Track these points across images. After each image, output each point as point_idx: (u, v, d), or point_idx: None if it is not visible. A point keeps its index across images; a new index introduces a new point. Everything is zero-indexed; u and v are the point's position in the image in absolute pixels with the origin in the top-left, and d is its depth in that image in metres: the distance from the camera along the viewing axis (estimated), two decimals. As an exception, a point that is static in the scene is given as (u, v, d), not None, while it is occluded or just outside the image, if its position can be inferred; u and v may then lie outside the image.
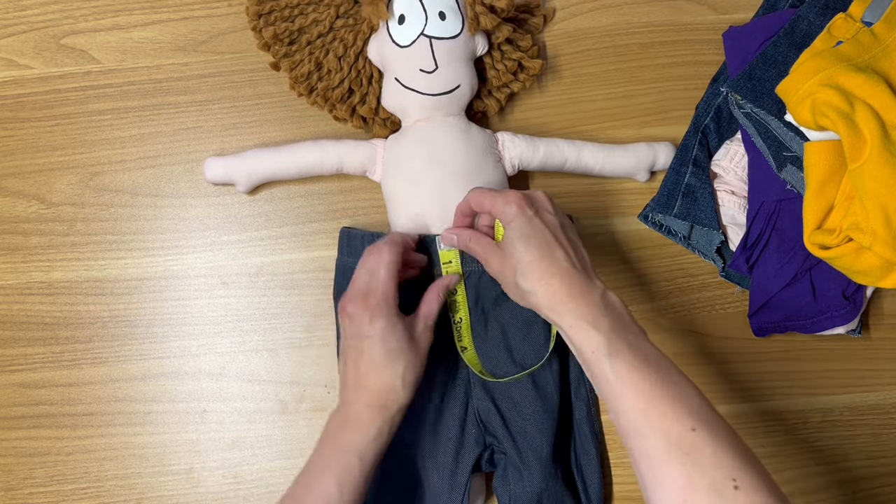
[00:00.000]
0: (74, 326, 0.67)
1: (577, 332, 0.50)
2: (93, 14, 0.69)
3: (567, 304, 0.50)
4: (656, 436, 0.45)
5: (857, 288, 0.65)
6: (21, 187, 0.68)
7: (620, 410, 0.47)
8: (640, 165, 0.67)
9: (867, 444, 0.68)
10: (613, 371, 0.48)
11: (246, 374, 0.67)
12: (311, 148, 0.65)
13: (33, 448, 0.66)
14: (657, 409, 0.46)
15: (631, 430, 0.46)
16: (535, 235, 0.52)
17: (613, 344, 0.48)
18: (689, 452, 0.44)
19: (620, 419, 0.47)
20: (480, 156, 0.63)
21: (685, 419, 0.45)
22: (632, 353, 0.48)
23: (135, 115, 0.69)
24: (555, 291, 0.51)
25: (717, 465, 0.43)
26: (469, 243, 0.57)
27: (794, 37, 0.63)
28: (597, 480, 0.64)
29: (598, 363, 0.48)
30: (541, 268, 0.52)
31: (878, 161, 0.56)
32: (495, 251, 0.55)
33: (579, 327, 0.50)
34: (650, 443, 0.45)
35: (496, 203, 0.54)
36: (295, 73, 0.64)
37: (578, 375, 0.65)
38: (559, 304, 0.51)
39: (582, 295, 0.51)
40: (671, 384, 0.47)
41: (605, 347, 0.48)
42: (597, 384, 0.49)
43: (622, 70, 0.70)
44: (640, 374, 0.47)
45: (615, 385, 0.47)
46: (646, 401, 0.46)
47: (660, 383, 0.47)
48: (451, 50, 0.61)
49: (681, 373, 0.49)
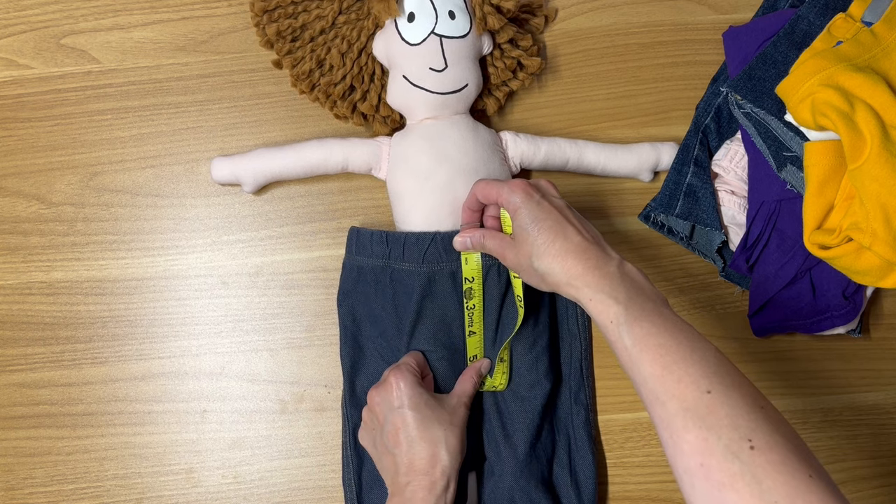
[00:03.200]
0: (74, 326, 0.67)
1: (596, 304, 0.50)
2: (93, 14, 0.69)
3: (584, 278, 0.51)
4: (673, 401, 0.45)
5: (857, 288, 0.65)
6: (21, 187, 0.68)
7: (639, 379, 0.47)
8: (642, 166, 0.67)
9: (867, 444, 0.68)
10: (631, 339, 0.48)
11: (246, 374, 0.67)
12: (316, 147, 0.65)
13: (33, 448, 0.66)
14: (673, 374, 0.45)
15: (650, 398, 0.46)
16: (546, 217, 0.53)
17: (630, 312, 0.48)
18: (705, 416, 0.43)
19: (640, 389, 0.47)
20: (489, 153, 0.63)
21: (701, 381, 0.45)
22: (648, 321, 0.48)
23: (135, 115, 0.69)
24: (570, 267, 0.51)
25: (732, 426, 0.42)
26: (484, 241, 0.58)
27: (794, 37, 0.63)
28: (591, 485, 0.64)
29: (616, 333, 0.48)
30: (555, 247, 0.52)
31: (878, 161, 0.56)
32: (509, 243, 0.55)
33: (598, 299, 0.50)
34: (668, 409, 0.45)
35: (502, 192, 0.55)
36: (297, 69, 0.64)
37: (579, 381, 0.65)
38: (576, 279, 0.51)
39: (598, 267, 0.51)
40: (688, 348, 0.47)
41: (622, 316, 0.48)
42: (617, 354, 0.49)
43: (622, 70, 0.70)
44: (656, 341, 0.47)
45: (633, 353, 0.47)
46: (662, 367, 0.46)
47: (675, 348, 0.46)
48: (460, 49, 0.61)
49: (699, 336, 0.48)
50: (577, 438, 0.65)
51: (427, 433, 0.55)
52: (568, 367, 0.66)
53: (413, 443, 0.55)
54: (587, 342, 0.66)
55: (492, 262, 0.61)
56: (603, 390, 0.67)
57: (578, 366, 0.66)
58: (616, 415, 0.67)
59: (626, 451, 0.67)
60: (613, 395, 0.67)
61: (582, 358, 0.66)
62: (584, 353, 0.66)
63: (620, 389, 0.67)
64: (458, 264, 0.61)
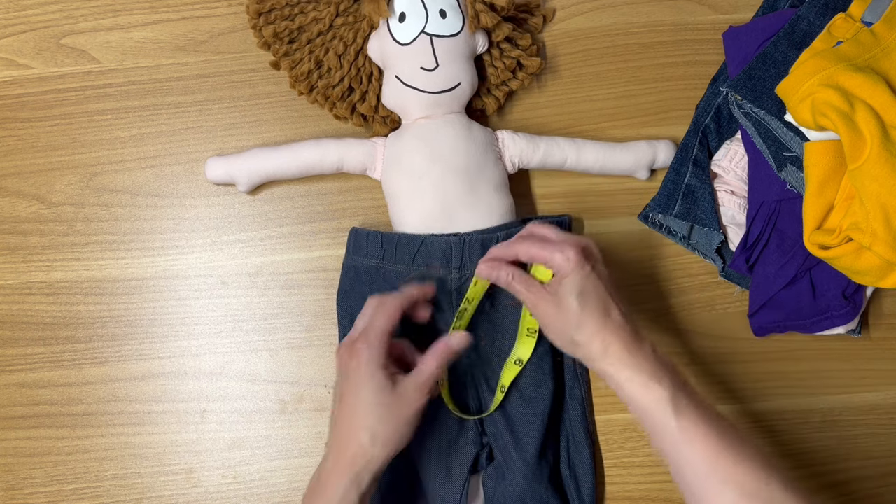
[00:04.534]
0: (74, 326, 0.67)
1: (636, 387, 0.51)
2: (93, 14, 0.69)
3: (623, 359, 0.52)
4: (729, 485, 0.46)
5: (857, 288, 0.65)
6: (21, 187, 0.68)
7: (686, 460, 0.48)
8: (639, 163, 0.67)
9: (867, 444, 0.68)
10: (680, 422, 0.49)
11: (246, 374, 0.67)
12: (311, 146, 0.65)
13: (33, 448, 0.66)
14: (728, 459, 0.47)
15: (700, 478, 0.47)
16: (592, 292, 0.53)
17: (679, 399, 0.50)
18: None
19: (685, 469, 0.48)
20: (482, 153, 0.63)
21: (758, 471, 0.46)
22: (695, 406, 0.50)
23: (135, 115, 0.69)
24: (609, 344, 0.52)
25: None
26: (512, 281, 0.56)
27: (794, 37, 0.63)
28: (590, 481, 0.64)
29: (661, 417, 0.50)
30: (598, 323, 0.53)
31: (878, 161, 0.56)
32: (546, 298, 0.54)
33: (639, 381, 0.51)
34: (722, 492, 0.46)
35: (554, 258, 0.54)
36: (295, 71, 0.64)
37: (573, 376, 0.65)
38: (615, 358, 0.52)
39: (637, 350, 0.52)
40: (737, 437, 0.48)
41: (669, 402, 0.50)
42: (657, 435, 0.50)
43: (622, 70, 0.70)
44: (706, 427, 0.48)
45: (681, 435, 0.49)
46: (716, 451, 0.47)
47: (726, 435, 0.48)
48: (451, 48, 0.61)
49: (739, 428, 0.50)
50: (574, 434, 0.65)
51: (359, 417, 0.51)
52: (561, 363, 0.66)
53: (343, 419, 0.52)
54: None
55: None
56: (603, 390, 0.67)
57: (571, 361, 0.66)
58: (616, 415, 0.67)
59: (626, 451, 0.67)
60: (613, 395, 0.66)
61: None
62: None
63: (620, 389, 0.67)
64: (450, 269, 0.61)
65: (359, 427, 0.51)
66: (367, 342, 0.53)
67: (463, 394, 0.63)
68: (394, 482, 0.63)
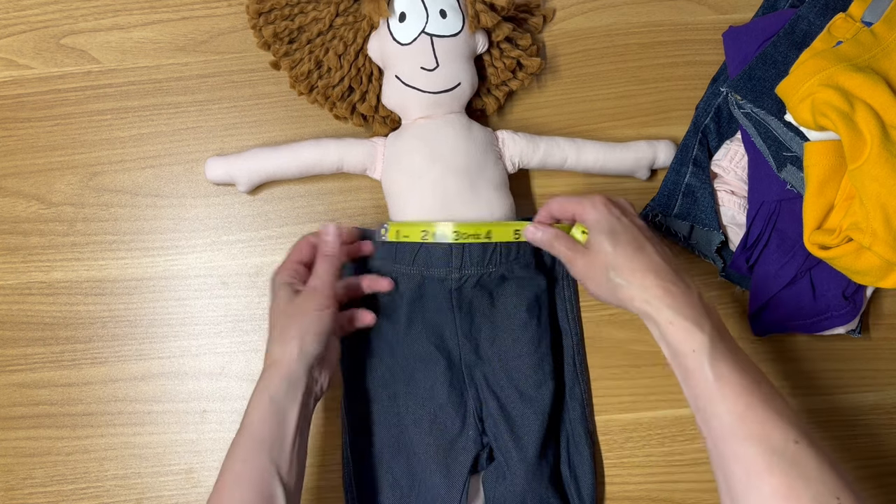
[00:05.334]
0: (74, 326, 0.67)
1: (676, 330, 0.49)
2: (93, 14, 0.69)
3: (664, 300, 0.50)
4: (755, 441, 0.45)
5: (857, 288, 0.65)
6: (21, 187, 0.68)
7: (715, 413, 0.47)
8: (639, 163, 0.67)
9: (867, 444, 0.68)
10: (715, 372, 0.47)
11: (246, 374, 0.67)
12: (311, 146, 0.65)
13: (33, 448, 0.66)
14: (757, 415, 0.46)
15: (726, 433, 0.46)
16: (625, 232, 0.53)
17: (717, 346, 0.48)
18: (793, 464, 0.43)
19: (712, 422, 0.47)
20: (481, 152, 0.63)
21: (788, 429, 0.45)
22: (732, 358, 0.48)
23: (135, 115, 0.69)
24: (650, 285, 0.51)
25: (820, 481, 0.43)
26: (554, 241, 0.57)
27: (794, 37, 0.63)
28: (590, 481, 0.64)
29: (696, 362, 0.48)
30: (634, 262, 0.52)
31: (878, 161, 0.56)
32: (581, 251, 0.55)
33: (679, 324, 0.49)
34: (747, 448, 0.45)
35: (583, 206, 0.55)
36: (295, 71, 0.64)
37: (573, 376, 0.65)
38: (655, 299, 0.51)
39: (680, 293, 0.51)
40: (771, 394, 0.47)
41: (707, 348, 0.48)
42: (691, 383, 0.49)
43: (622, 70, 0.70)
44: (740, 379, 0.47)
45: (713, 386, 0.47)
46: (745, 405, 0.46)
47: (759, 391, 0.47)
48: (451, 48, 0.61)
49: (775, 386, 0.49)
50: (574, 434, 0.65)
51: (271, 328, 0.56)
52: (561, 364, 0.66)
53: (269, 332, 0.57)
54: (578, 337, 0.66)
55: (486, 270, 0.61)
56: (603, 390, 0.67)
57: (571, 361, 0.66)
58: (616, 415, 0.67)
59: (626, 451, 0.67)
60: (613, 395, 0.67)
61: (574, 353, 0.66)
62: (576, 348, 0.66)
63: (620, 389, 0.67)
64: (450, 269, 0.61)
65: (269, 335, 0.56)
66: (280, 268, 0.59)
67: (463, 393, 0.63)
68: (394, 482, 0.63)
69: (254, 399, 0.53)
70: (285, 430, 0.52)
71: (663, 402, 0.67)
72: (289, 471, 0.51)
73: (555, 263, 0.66)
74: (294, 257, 0.60)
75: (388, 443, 0.63)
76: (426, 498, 0.62)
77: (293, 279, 0.58)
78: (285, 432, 0.52)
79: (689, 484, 0.67)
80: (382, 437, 0.63)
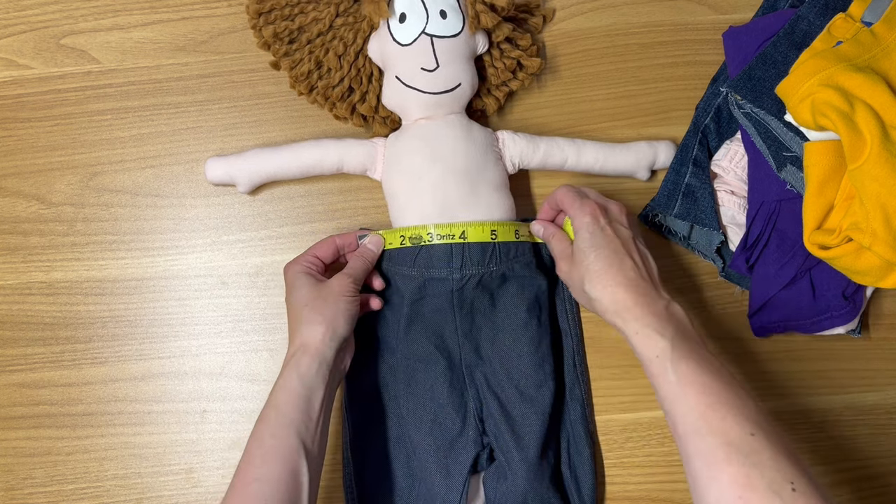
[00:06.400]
0: (74, 326, 0.67)
1: (642, 339, 0.52)
2: (93, 14, 0.69)
3: (633, 311, 0.53)
4: (714, 436, 0.46)
5: (857, 288, 0.65)
6: (21, 187, 0.68)
7: (679, 413, 0.49)
8: (640, 164, 0.67)
9: (867, 444, 0.68)
10: (676, 374, 0.50)
11: (246, 374, 0.67)
12: (311, 147, 0.65)
13: (33, 448, 0.66)
14: (717, 412, 0.47)
15: (689, 431, 0.48)
16: (605, 245, 0.56)
17: (677, 349, 0.51)
18: (748, 454, 0.45)
19: (678, 422, 0.49)
20: (481, 153, 0.63)
21: (744, 423, 0.47)
22: (694, 359, 0.50)
23: (135, 115, 0.69)
24: (620, 299, 0.54)
25: (775, 468, 0.44)
26: (552, 240, 0.61)
27: (794, 37, 0.63)
28: (590, 481, 0.64)
29: (660, 367, 0.51)
30: (608, 276, 0.55)
31: (878, 161, 0.56)
32: (567, 257, 0.59)
33: (644, 334, 0.52)
34: (707, 442, 0.46)
35: (574, 207, 0.58)
36: (295, 71, 0.64)
37: (573, 376, 0.65)
38: (625, 311, 0.53)
39: (647, 304, 0.53)
40: (730, 390, 0.49)
41: (668, 352, 0.51)
42: (657, 386, 0.51)
43: (622, 70, 0.70)
44: (701, 379, 0.49)
45: (676, 388, 0.50)
46: (706, 404, 0.48)
47: (719, 389, 0.49)
48: (452, 48, 0.61)
49: (738, 382, 0.50)
50: (574, 434, 0.65)
51: (295, 312, 0.58)
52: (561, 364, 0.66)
53: (290, 322, 0.59)
54: (578, 338, 0.66)
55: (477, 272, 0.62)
56: (603, 390, 0.67)
57: (571, 361, 0.66)
58: (616, 415, 0.67)
59: (626, 451, 0.67)
60: (613, 395, 0.67)
61: (574, 353, 0.66)
62: (577, 348, 0.66)
63: (620, 389, 0.67)
64: (450, 270, 0.61)
65: (295, 320, 0.58)
66: (296, 261, 0.61)
67: (463, 393, 0.63)
68: (394, 482, 0.63)
69: (282, 378, 0.55)
70: (312, 408, 0.55)
71: (663, 402, 0.67)
72: (313, 446, 0.54)
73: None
74: (313, 251, 0.62)
75: (389, 443, 0.63)
76: (426, 498, 0.62)
77: (311, 269, 0.60)
78: (312, 410, 0.54)
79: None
80: (383, 438, 0.63)
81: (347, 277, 0.59)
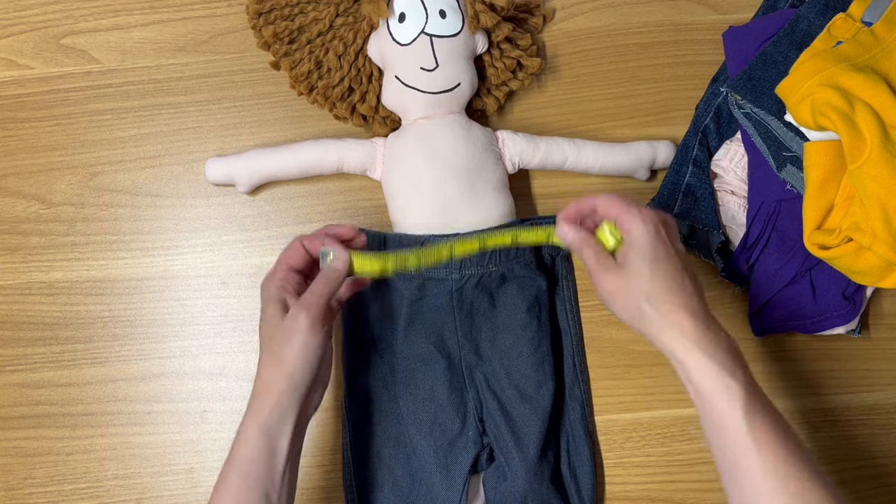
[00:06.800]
0: (74, 326, 0.67)
1: (705, 376, 0.47)
2: (93, 14, 0.69)
3: (699, 343, 0.48)
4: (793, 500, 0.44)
5: (857, 288, 0.65)
6: (21, 187, 0.68)
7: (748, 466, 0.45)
8: (640, 163, 0.67)
9: (867, 444, 0.68)
10: (752, 432, 0.46)
11: (246, 374, 0.67)
12: (311, 147, 0.65)
13: (33, 448, 0.66)
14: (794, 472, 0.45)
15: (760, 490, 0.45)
16: (666, 260, 0.50)
17: (753, 402, 0.47)
18: None
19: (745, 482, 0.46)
20: (481, 153, 0.63)
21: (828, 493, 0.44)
22: (769, 410, 0.47)
23: (135, 115, 0.69)
24: (685, 326, 0.49)
25: None
26: (584, 248, 0.53)
27: (794, 37, 0.63)
28: (590, 481, 0.64)
29: (729, 416, 0.46)
30: (671, 296, 0.49)
31: (878, 161, 0.56)
32: (612, 267, 0.51)
33: (710, 371, 0.47)
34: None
35: (631, 214, 0.51)
36: (295, 71, 0.64)
37: (573, 376, 0.65)
38: (688, 341, 0.48)
39: (714, 336, 0.49)
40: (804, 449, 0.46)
41: (741, 402, 0.46)
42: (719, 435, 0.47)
43: (622, 70, 0.70)
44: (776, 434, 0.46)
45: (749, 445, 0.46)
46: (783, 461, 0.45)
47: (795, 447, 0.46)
48: (451, 48, 0.61)
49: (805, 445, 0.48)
50: (574, 434, 0.65)
51: (262, 352, 0.52)
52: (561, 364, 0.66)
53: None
54: (578, 338, 0.66)
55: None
56: (603, 390, 0.67)
57: (571, 361, 0.66)
58: (616, 415, 0.67)
59: (626, 451, 0.67)
60: (613, 395, 0.67)
61: (574, 354, 0.66)
62: (576, 348, 0.66)
63: (620, 389, 0.67)
64: (450, 270, 0.61)
65: (261, 351, 0.52)
66: (271, 277, 0.54)
67: (463, 393, 0.63)
68: (394, 482, 0.63)
69: (243, 428, 0.50)
70: (276, 460, 0.50)
71: (663, 402, 0.67)
72: (279, 500, 0.50)
73: (555, 263, 0.66)
74: (286, 263, 0.55)
75: (389, 443, 0.63)
76: (426, 498, 0.62)
77: (284, 291, 0.53)
78: (276, 462, 0.50)
79: (689, 484, 0.67)
80: (383, 438, 0.64)
81: (307, 306, 0.51)
